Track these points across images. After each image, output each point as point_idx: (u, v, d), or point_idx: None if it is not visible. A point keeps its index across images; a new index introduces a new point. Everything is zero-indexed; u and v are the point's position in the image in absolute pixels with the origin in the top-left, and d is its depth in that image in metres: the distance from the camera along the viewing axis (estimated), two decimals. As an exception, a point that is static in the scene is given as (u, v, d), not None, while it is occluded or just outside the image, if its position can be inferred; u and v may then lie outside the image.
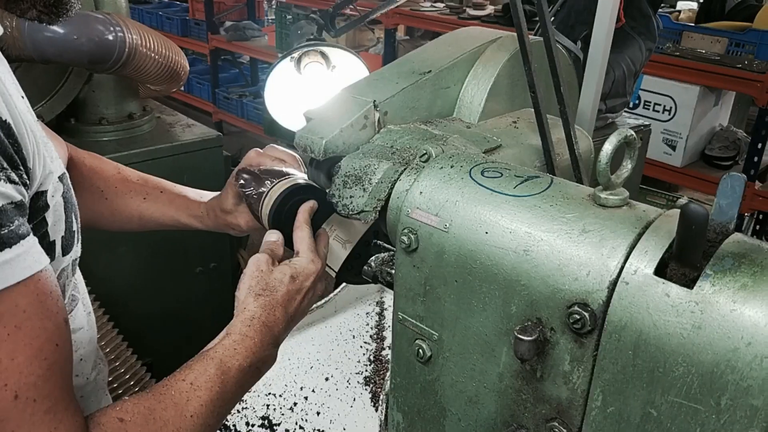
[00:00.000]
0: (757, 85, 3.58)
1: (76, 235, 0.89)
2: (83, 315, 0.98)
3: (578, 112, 1.38)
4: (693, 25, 4.05)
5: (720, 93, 4.19)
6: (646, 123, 2.52)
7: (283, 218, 1.05)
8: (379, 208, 0.90)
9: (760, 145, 3.69)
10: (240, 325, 0.90)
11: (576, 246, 0.69)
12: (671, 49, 3.98)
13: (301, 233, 1.01)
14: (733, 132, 4.22)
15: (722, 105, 4.30)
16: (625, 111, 2.41)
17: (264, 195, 1.07)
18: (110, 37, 1.91)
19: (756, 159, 3.70)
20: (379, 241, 1.05)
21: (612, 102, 2.03)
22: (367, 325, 2.02)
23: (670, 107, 4.08)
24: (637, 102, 4.14)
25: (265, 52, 5.97)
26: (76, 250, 0.91)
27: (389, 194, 0.89)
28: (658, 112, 4.13)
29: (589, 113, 1.36)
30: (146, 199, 1.22)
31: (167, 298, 2.43)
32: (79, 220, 0.90)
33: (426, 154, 0.86)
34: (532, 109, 1.05)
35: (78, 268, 0.96)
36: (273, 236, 1.03)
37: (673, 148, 4.10)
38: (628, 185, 0.75)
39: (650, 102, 4.16)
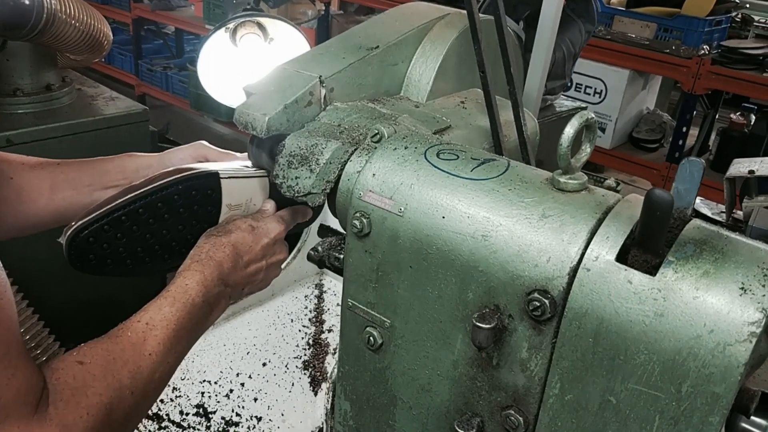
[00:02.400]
0: (683, 70, 3.71)
1: None
2: None
3: (525, 94, 1.37)
4: (624, 9, 4.14)
5: (648, 77, 4.32)
6: (583, 106, 2.55)
7: None
8: (327, 191, 0.86)
9: (684, 129, 3.84)
10: (189, 261, 0.91)
11: (536, 231, 0.67)
12: (603, 33, 4.06)
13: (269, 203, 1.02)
14: (659, 115, 4.37)
15: (649, 89, 4.44)
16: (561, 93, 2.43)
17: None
18: (26, 1, 1.76)
19: (681, 142, 3.85)
20: (326, 224, 1.01)
21: (551, 84, 2.03)
22: (306, 308, 1.98)
23: (601, 90, 4.18)
24: (569, 84, 4.21)
25: (191, 23, 5.73)
26: None
27: (339, 176, 0.84)
28: (588, 95, 4.22)
29: (535, 95, 1.35)
30: None
31: (90, 282, 2.29)
32: None
33: (378, 134, 0.82)
34: (479, 89, 1.02)
35: None
36: (267, 205, 1.02)
37: (603, 130, 4.21)
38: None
39: (582, 85, 4.25)
